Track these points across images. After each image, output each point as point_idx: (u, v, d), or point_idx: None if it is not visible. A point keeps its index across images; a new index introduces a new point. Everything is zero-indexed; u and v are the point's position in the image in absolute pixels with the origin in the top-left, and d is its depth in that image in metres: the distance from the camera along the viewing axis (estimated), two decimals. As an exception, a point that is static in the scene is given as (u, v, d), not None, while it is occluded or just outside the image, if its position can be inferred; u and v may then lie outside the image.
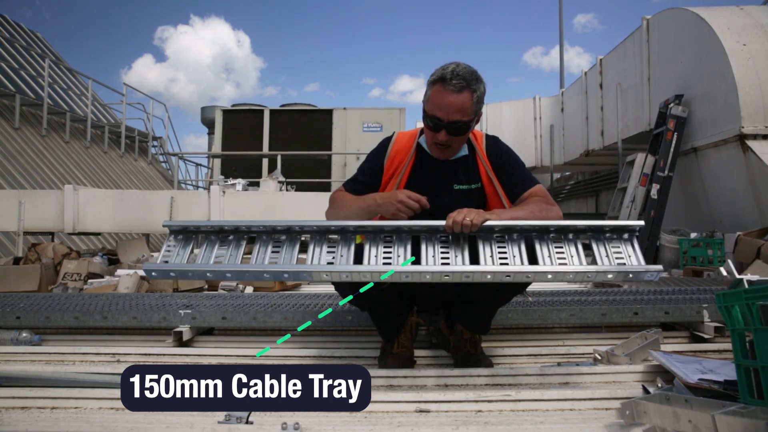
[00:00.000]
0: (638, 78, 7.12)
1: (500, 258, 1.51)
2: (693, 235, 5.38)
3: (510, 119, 11.03)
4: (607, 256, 1.51)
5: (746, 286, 1.38)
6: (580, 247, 1.53)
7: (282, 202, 6.63)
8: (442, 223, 1.54)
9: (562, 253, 1.51)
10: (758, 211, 4.90)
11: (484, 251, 1.52)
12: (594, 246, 1.54)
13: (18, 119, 9.40)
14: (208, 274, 1.59)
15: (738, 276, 1.48)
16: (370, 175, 1.83)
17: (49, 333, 2.31)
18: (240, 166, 12.30)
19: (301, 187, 10.12)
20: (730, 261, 1.89)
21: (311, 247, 1.59)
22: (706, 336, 2.11)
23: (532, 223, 1.55)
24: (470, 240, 1.57)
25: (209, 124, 21.38)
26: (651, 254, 5.76)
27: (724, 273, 1.80)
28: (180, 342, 2.11)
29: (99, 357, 1.99)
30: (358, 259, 1.54)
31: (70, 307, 2.34)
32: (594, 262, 1.51)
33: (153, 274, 1.59)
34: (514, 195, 1.78)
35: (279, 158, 10.23)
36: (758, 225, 4.69)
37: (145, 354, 2.00)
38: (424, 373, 1.72)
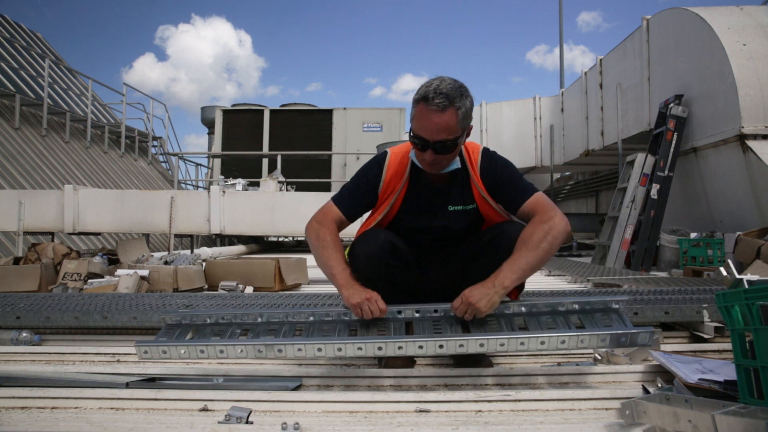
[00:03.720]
0: (638, 78, 7.13)
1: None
2: (693, 235, 5.38)
3: (510, 119, 11.03)
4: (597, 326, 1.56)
5: (746, 286, 1.38)
6: (571, 320, 1.60)
7: (282, 202, 6.62)
8: (431, 306, 1.64)
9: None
10: (758, 211, 4.90)
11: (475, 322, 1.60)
12: (583, 321, 1.59)
13: (18, 119, 9.41)
14: (201, 352, 1.54)
15: (738, 276, 1.47)
16: (365, 196, 1.80)
17: (49, 333, 2.31)
18: (240, 166, 12.31)
19: (301, 187, 10.13)
20: (730, 261, 1.88)
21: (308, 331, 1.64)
22: (706, 336, 2.11)
23: (523, 308, 1.61)
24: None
25: (209, 124, 21.39)
26: (651, 254, 5.76)
27: (724, 273, 1.79)
28: (180, 342, 2.11)
29: (99, 357, 1.99)
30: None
31: (70, 307, 2.34)
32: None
33: (144, 352, 1.56)
34: (514, 208, 1.74)
35: (279, 158, 10.24)
36: (758, 225, 4.69)
37: (145, 354, 2.00)
38: (424, 372, 1.72)
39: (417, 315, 1.63)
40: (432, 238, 1.83)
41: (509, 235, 1.66)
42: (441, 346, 1.48)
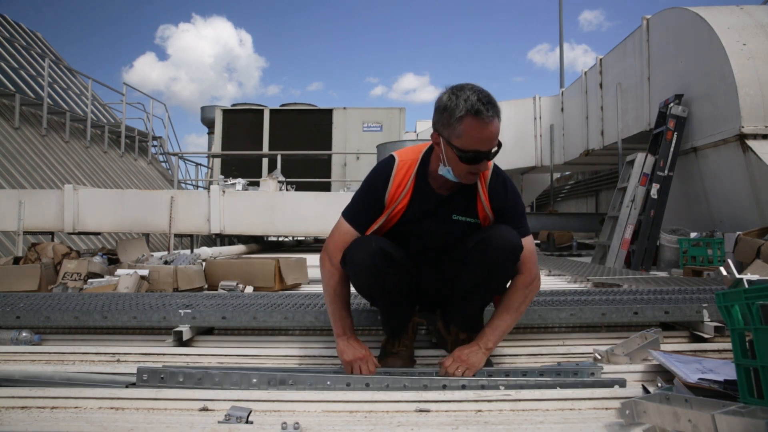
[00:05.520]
0: (638, 78, 7.12)
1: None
2: (693, 234, 5.38)
3: (510, 119, 11.02)
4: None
5: (746, 285, 1.38)
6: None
7: (282, 202, 6.63)
8: (416, 370, 1.77)
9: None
10: (758, 211, 4.90)
11: None
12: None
13: (18, 119, 9.41)
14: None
15: (738, 276, 1.48)
16: (373, 210, 1.79)
17: (49, 333, 2.31)
18: (240, 166, 12.31)
19: (301, 187, 10.13)
20: (730, 261, 1.89)
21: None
22: (706, 336, 2.11)
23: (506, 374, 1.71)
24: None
25: (209, 124, 21.41)
26: (651, 254, 5.76)
27: (724, 273, 1.79)
28: (180, 342, 2.11)
29: (99, 357, 1.99)
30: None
31: (70, 306, 2.34)
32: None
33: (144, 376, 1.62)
34: None
35: (279, 158, 10.24)
36: (758, 225, 4.69)
37: (145, 354, 2.00)
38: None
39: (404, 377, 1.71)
40: (430, 243, 1.84)
41: (496, 242, 1.68)
42: (425, 386, 1.58)
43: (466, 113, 1.55)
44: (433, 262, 1.87)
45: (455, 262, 1.79)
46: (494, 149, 1.62)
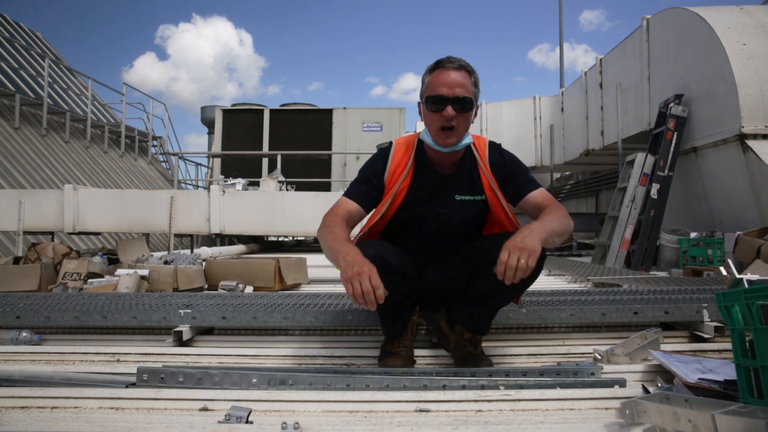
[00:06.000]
0: (638, 78, 7.13)
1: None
2: (693, 234, 5.39)
3: (510, 119, 11.03)
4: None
5: (746, 285, 1.38)
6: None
7: (282, 202, 6.63)
8: (416, 369, 1.73)
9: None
10: (758, 210, 4.90)
11: None
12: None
13: (18, 119, 9.41)
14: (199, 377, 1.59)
15: (738, 275, 1.48)
16: (374, 188, 1.80)
17: (49, 333, 2.31)
18: (240, 166, 12.32)
19: (301, 187, 10.13)
20: (730, 261, 1.89)
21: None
22: (706, 336, 2.11)
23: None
24: None
25: (209, 124, 21.40)
26: (651, 254, 5.77)
27: (724, 273, 1.80)
28: (180, 342, 2.11)
29: (99, 357, 1.99)
30: None
31: (70, 306, 2.34)
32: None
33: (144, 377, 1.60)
34: (515, 199, 1.79)
35: (279, 158, 10.24)
36: (758, 225, 4.69)
37: (145, 354, 2.00)
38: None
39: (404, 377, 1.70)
40: (434, 229, 1.83)
41: None
42: (425, 386, 1.56)
43: (432, 67, 1.71)
44: (437, 256, 1.86)
45: (465, 266, 1.77)
46: (461, 98, 1.65)
